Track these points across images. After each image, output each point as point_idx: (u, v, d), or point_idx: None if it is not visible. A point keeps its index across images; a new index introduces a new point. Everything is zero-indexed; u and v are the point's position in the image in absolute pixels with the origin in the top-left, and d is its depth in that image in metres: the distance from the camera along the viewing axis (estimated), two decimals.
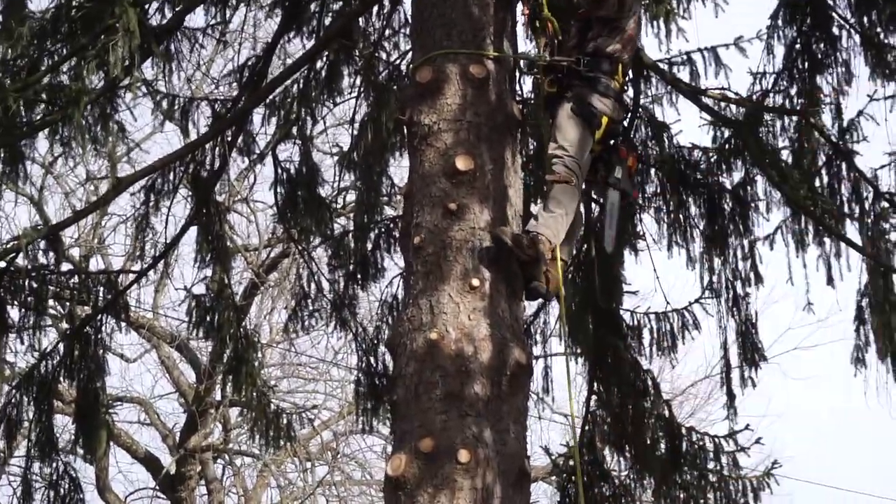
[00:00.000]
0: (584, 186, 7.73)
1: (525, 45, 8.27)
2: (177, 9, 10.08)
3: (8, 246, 9.82)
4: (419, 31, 7.59)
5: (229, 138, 10.63)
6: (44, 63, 9.38)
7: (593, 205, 9.42)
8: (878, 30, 9.66)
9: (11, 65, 9.24)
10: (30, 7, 9.56)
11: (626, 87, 7.76)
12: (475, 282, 6.64)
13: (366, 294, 11.99)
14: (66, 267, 11.18)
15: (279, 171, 11.07)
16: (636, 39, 7.99)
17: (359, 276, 11.17)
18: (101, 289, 10.80)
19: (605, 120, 7.31)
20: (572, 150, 7.15)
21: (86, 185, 20.60)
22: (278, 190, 11.10)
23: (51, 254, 10.08)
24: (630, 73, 8.13)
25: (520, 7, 7.82)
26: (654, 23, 10.13)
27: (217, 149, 10.65)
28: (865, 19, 9.68)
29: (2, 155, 9.31)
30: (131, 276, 11.27)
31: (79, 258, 19.78)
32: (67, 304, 14.17)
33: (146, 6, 9.56)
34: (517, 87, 8.08)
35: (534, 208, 8.33)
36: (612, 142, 7.58)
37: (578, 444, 9.97)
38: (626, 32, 7.60)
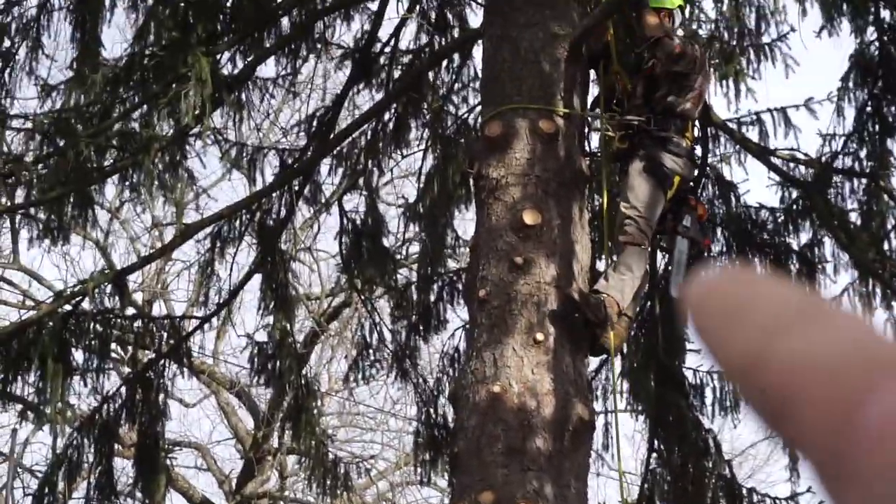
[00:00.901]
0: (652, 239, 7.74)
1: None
2: (248, 59, 10.19)
3: (75, 290, 9.89)
4: (489, 86, 7.63)
5: (296, 188, 10.70)
6: (116, 110, 9.51)
7: (659, 259, 9.39)
8: None
9: (84, 111, 9.35)
10: (103, 54, 9.68)
11: (695, 145, 7.76)
12: (539, 336, 6.63)
13: (427, 346, 11.98)
14: (130, 311, 11.24)
15: (344, 220, 11.13)
16: (705, 96, 7.99)
17: (421, 327, 11.19)
18: (164, 334, 10.87)
19: (676, 179, 7.30)
20: (645, 212, 7.14)
21: (152, 231, 20.78)
22: (343, 240, 11.16)
23: (116, 298, 10.15)
24: (698, 130, 8.13)
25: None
26: (724, 82, 10.13)
27: (283, 198, 10.71)
28: None
29: (72, 199, 9.41)
30: (194, 322, 11.35)
31: (143, 303, 19.93)
32: (130, 348, 14.31)
33: (218, 56, 9.65)
34: (586, 144, 8.06)
35: (600, 265, 8.32)
36: (680, 195, 7.57)
37: (638, 502, 9.93)
38: (696, 90, 7.59)
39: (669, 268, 7.58)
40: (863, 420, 0.53)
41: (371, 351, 11.69)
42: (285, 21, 10.50)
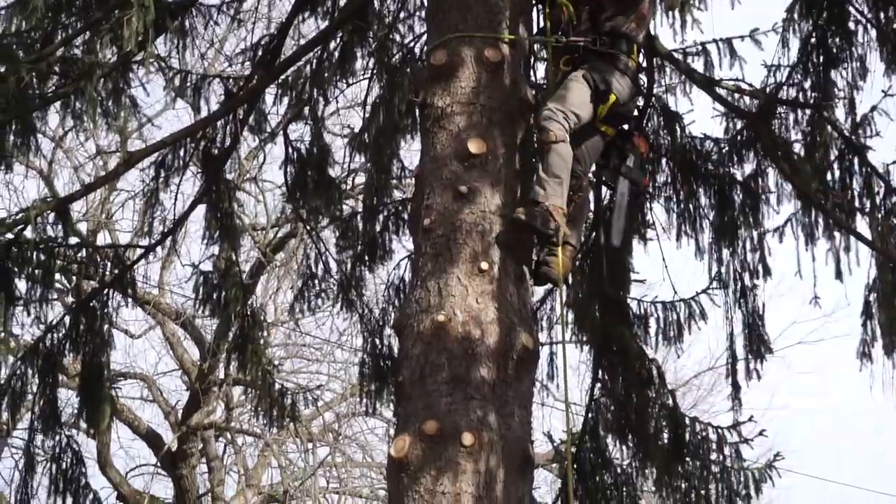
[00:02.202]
0: (593, 171, 7.74)
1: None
2: None
3: (17, 218, 9.78)
4: (435, 14, 7.58)
5: (241, 116, 10.62)
6: (58, 36, 9.39)
7: (603, 192, 9.40)
8: (895, 26, 9.64)
9: (25, 37, 9.23)
10: None
11: (640, 70, 7.75)
12: (484, 265, 6.64)
13: (373, 276, 11.96)
14: (73, 241, 11.14)
15: (290, 150, 11.07)
16: (649, 18, 7.98)
17: (366, 257, 11.17)
18: (109, 264, 10.80)
19: (612, 97, 7.27)
20: (568, 110, 7.09)
21: (96, 159, 20.61)
22: (288, 169, 11.10)
23: (59, 227, 10.05)
24: (644, 60, 8.12)
25: None
26: (670, 13, 10.12)
27: (228, 127, 10.65)
28: (882, 14, 9.67)
29: (13, 127, 9.30)
30: (139, 252, 11.28)
31: (87, 232, 19.78)
32: (74, 277, 14.21)
33: None
34: (531, 73, 8.03)
35: None
36: (624, 128, 7.57)
37: (581, 432, 9.99)
38: (640, 11, 7.58)
39: (611, 207, 7.57)
40: None
41: (317, 281, 11.67)
42: None
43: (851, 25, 9.74)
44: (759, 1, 10.71)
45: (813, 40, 9.84)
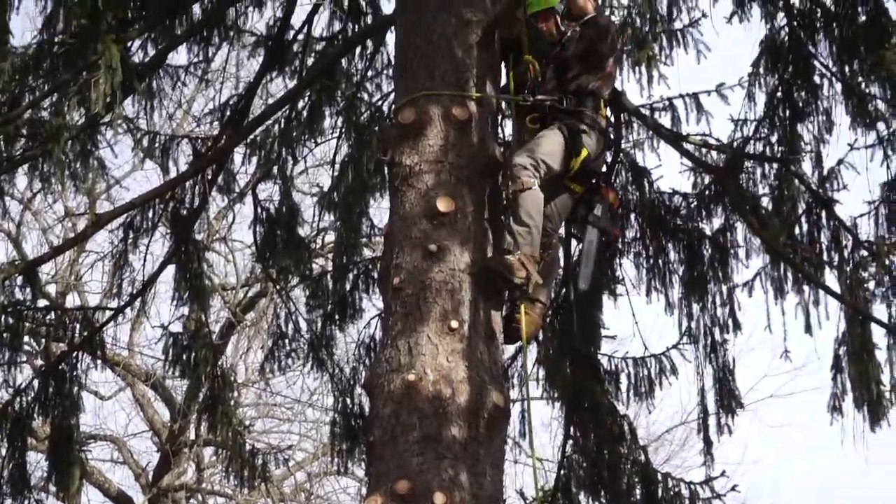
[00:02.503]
0: (562, 225, 7.75)
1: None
2: (159, 46, 10.09)
3: None
4: (402, 72, 7.60)
5: (209, 177, 10.61)
6: (25, 98, 9.37)
7: (573, 247, 9.40)
8: (860, 79, 9.71)
9: None
10: (12, 43, 9.54)
11: (608, 126, 7.78)
12: (454, 323, 6.62)
13: (343, 335, 11.93)
14: (42, 303, 11.09)
15: (259, 210, 11.07)
16: (614, 75, 8.01)
17: (336, 316, 11.14)
18: (78, 325, 10.73)
19: (584, 151, 7.31)
20: (539, 158, 7.12)
21: (64, 221, 20.55)
22: (257, 229, 11.10)
23: (27, 289, 10.02)
24: (612, 116, 8.15)
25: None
26: (637, 68, 10.17)
27: (197, 187, 10.63)
28: (847, 68, 9.73)
29: None
30: (108, 314, 11.21)
31: (55, 295, 19.70)
32: (43, 340, 14.12)
33: (129, 43, 9.54)
34: (499, 130, 8.06)
35: None
36: (592, 181, 7.59)
37: (553, 489, 9.94)
38: (606, 69, 7.63)
39: (580, 258, 7.58)
40: None
41: (287, 341, 11.63)
42: (196, 8, 10.41)
43: (817, 79, 9.81)
44: (724, 56, 10.79)
45: (779, 94, 9.90)
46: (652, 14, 10.56)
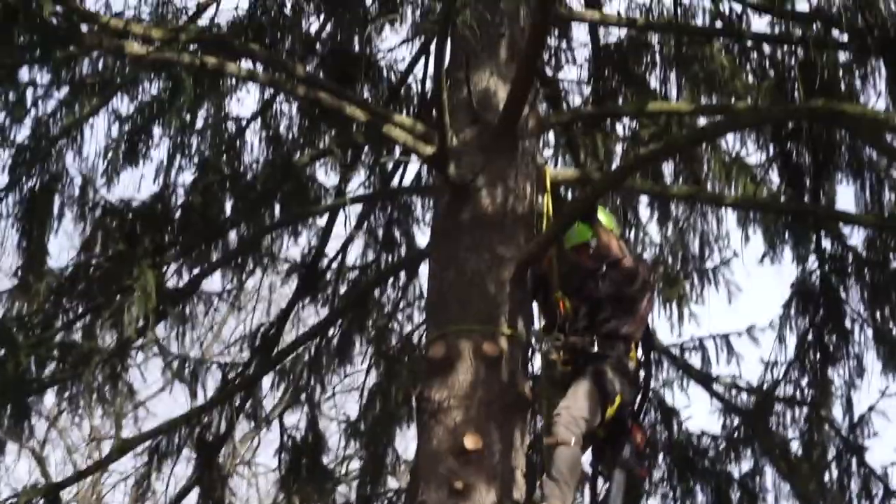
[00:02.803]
0: (591, 463, 7.67)
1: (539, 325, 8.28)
2: (194, 272, 10.17)
3: (8, 503, 9.68)
4: (434, 306, 7.62)
5: (237, 403, 10.59)
6: (58, 320, 9.43)
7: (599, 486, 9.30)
8: (891, 325, 9.70)
9: (26, 320, 9.27)
10: (49, 263, 9.64)
11: (638, 366, 7.74)
12: None
13: None
14: None
15: (285, 437, 11.01)
16: (647, 319, 7.99)
17: None
18: None
19: (618, 399, 7.25)
20: (577, 413, 7.04)
21: (90, 442, 20.49)
22: (283, 457, 11.02)
23: None
24: (642, 355, 8.13)
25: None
26: (667, 306, 10.20)
27: (224, 413, 10.60)
28: (878, 314, 9.72)
29: (8, 410, 9.27)
30: None
31: None
32: None
33: (164, 268, 9.64)
34: (529, 367, 8.03)
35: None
36: (620, 420, 7.53)
37: None
38: (639, 313, 7.60)
39: (608, 499, 7.48)
40: None
41: None
42: (233, 234, 10.52)
43: (847, 324, 9.80)
44: (756, 296, 10.81)
45: (809, 337, 9.88)
46: (684, 253, 10.63)
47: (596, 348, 7.35)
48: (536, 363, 8.55)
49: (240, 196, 10.36)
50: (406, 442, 11.88)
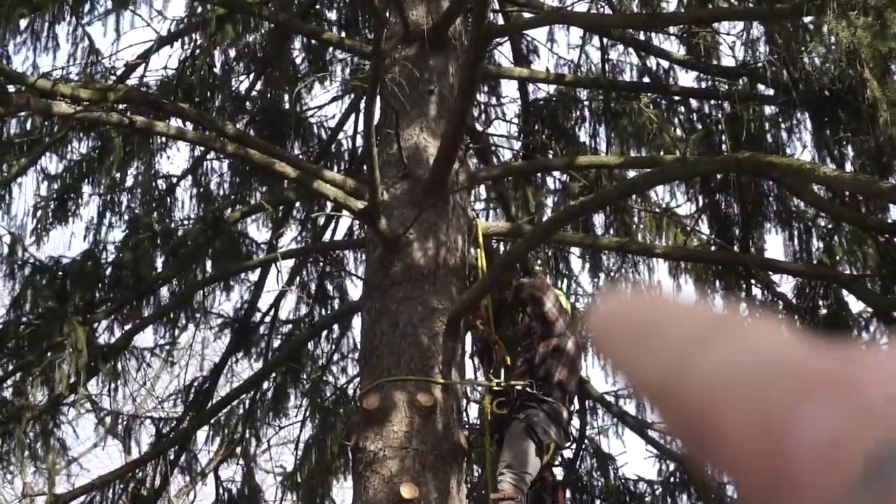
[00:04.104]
0: None
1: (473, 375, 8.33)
2: (126, 328, 10.14)
3: None
4: (367, 358, 7.64)
5: (171, 457, 10.54)
6: None
7: None
8: None
9: None
10: None
11: (571, 416, 7.79)
12: None
13: None
14: None
15: (220, 491, 10.95)
16: (578, 364, 8.03)
17: None
18: None
19: (552, 446, 7.30)
20: (520, 469, 7.10)
21: (22, 499, 20.24)
22: None
23: None
24: (576, 403, 8.19)
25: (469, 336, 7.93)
26: (601, 356, 10.25)
27: (158, 467, 10.54)
28: None
29: None
30: None
31: None
32: None
33: (95, 325, 9.61)
34: (464, 416, 8.07)
35: None
36: (551, 478, 7.57)
37: None
38: (569, 354, 7.64)
39: None
40: (790, 447, 0.49)
41: None
42: (164, 290, 10.52)
43: None
44: None
45: None
46: None
47: (534, 391, 7.41)
48: (472, 413, 8.61)
49: (171, 252, 10.36)
50: (343, 493, 11.85)
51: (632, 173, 9.73)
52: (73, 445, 12.29)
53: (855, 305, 9.68)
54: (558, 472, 7.66)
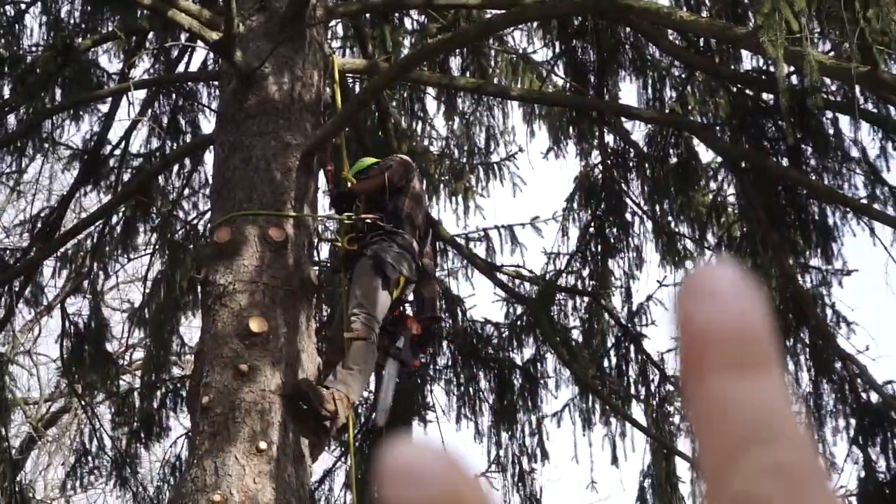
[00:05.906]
0: None
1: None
2: None
3: None
4: (219, 192, 7.57)
5: (17, 289, 10.40)
6: None
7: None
8: (669, 218, 9.98)
9: None
10: None
11: (422, 252, 7.81)
12: (262, 445, 6.55)
13: (148, 453, 11.72)
14: None
15: (67, 324, 10.86)
16: (423, 197, 8.04)
17: (142, 434, 10.94)
18: None
19: (401, 280, 7.33)
20: (370, 308, 7.12)
21: None
22: (65, 343, 10.88)
23: None
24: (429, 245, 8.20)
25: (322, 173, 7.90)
26: (453, 199, 10.31)
27: (3, 299, 10.41)
28: (657, 207, 9.99)
29: None
30: None
31: None
32: None
33: None
34: (315, 253, 8.06)
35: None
36: (399, 309, 7.61)
37: None
38: (413, 189, 7.66)
39: (379, 388, 7.56)
40: None
41: (90, 458, 11.39)
42: (12, 118, 10.28)
43: (628, 217, 10.05)
44: (540, 190, 10.98)
45: (591, 230, 10.10)
46: (470, 146, 10.73)
47: (384, 223, 7.41)
48: (323, 251, 8.61)
49: (19, 79, 10.10)
50: (191, 331, 11.84)
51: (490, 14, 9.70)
52: None
53: (705, 155, 9.84)
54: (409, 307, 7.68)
